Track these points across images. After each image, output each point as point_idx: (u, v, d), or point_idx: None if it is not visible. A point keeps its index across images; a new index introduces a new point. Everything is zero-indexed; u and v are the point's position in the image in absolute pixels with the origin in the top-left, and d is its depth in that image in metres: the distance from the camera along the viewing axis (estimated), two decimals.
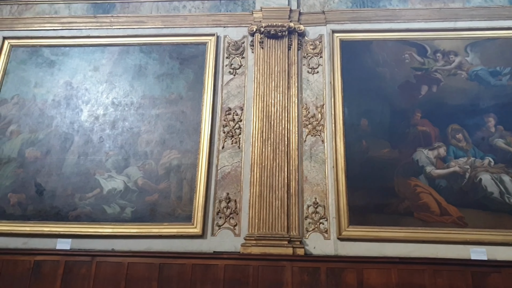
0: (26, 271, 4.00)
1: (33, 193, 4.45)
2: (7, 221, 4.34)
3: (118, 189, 4.39)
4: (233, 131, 4.55)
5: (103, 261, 3.99)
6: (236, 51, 4.94)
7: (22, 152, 4.65)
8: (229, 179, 4.36)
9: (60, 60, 5.07)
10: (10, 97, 4.93)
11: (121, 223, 4.24)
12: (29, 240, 4.24)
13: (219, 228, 4.17)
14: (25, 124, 4.79)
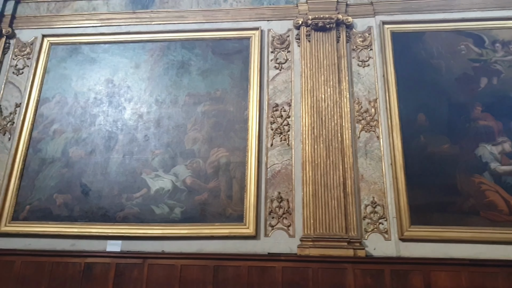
0: (77, 273, 3.89)
1: (79, 193, 4.35)
2: (54, 222, 4.25)
3: (166, 188, 4.26)
4: (282, 128, 4.38)
5: (155, 263, 3.86)
6: (281, 45, 4.77)
7: (66, 151, 4.55)
8: (280, 177, 4.20)
9: (100, 57, 4.96)
10: (52, 96, 4.84)
11: (171, 224, 4.11)
12: (76, 241, 4.14)
13: (272, 228, 4.01)
14: (67, 123, 4.69)
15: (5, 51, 5.11)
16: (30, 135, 4.65)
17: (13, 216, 4.32)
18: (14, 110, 4.81)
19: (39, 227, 4.23)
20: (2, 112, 4.80)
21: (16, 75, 4.99)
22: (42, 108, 4.79)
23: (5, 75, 4.99)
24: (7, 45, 5.14)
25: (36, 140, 4.63)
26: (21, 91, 4.90)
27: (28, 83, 4.90)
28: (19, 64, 5.04)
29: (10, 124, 4.75)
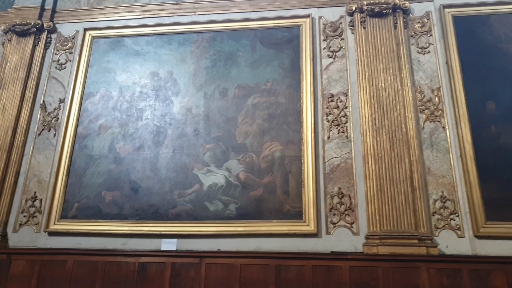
0: (131, 273, 3.74)
1: (128, 190, 4.20)
2: (104, 220, 4.10)
3: (219, 184, 4.07)
4: (339, 120, 4.15)
5: (212, 262, 3.68)
6: (334, 32, 4.53)
7: (113, 147, 4.41)
8: (339, 172, 3.96)
9: (144, 50, 4.80)
10: (96, 90, 4.70)
11: (226, 221, 3.92)
12: (128, 240, 3.99)
13: (334, 226, 3.78)
14: (113, 118, 4.54)
15: (46, 46, 4.99)
16: (76, 131, 4.52)
17: (62, 214, 4.19)
18: (58, 105, 4.69)
19: (89, 225, 4.10)
20: (46, 108, 4.69)
21: (58, 70, 4.87)
22: (87, 103, 4.65)
23: (48, 70, 4.88)
24: (49, 39, 5.02)
25: (81, 136, 4.50)
26: (64, 86, 4.78)
27: (72, 77, 4.78)
28: (61, 59, 4.92)
29: (54, 120, 4.63)
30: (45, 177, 4.37)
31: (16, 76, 4.79)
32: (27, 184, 4.38)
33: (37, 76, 4.83)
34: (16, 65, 4.85)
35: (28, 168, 4.44)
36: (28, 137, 4.58)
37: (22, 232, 4.18)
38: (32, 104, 4.70)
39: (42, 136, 4.57)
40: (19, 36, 4.98)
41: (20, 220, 4.23)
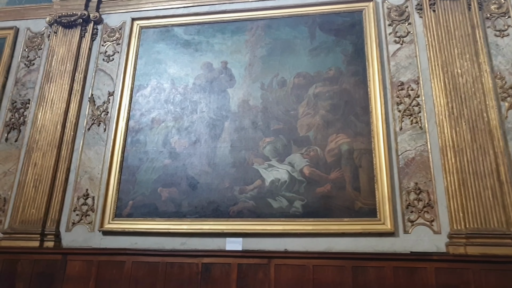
0: (194, 275, 3.51)
1: (185, 186, 3.97)
2: (161, 219, 3.89)
3: (282, 179, 3.81)
4: (411, 109, 3.83)
5: (282, 263, 3.42)
6: (400, 17, 4.21)
7: (167, 141, 4.19)
8: (415, 166, 3.65)
9: (195, 40, 4.57)
10: (146, 82, 4.49)
11: (292, 219, 3.66)
12: (187, 239, 3.76)
13: (412, 224, 3.48)
14: (166, 111, 4.33)
15: (93, 37, 4.81)
16: (127, 125, 4.32)
17: (116, 213, 3.99)
18: (107, 99, 4.50)
19: (145, 224, 3.89)
20: (95, 102, 4.50)
21: (106, 62, 4.68)
22: (137, 96, 4.45)
23: (95, 63, 4.70)
24: (95, 31, 4.84)
25: (133, 130, 4.30)
26: (113, 78, 4.58)
27: (120, 70, 4.58)
28: (108, 51, 4.73)
29: (104, 114, 4.44)
30: (96, 174, 4.19)
31: (63, 69, 4.63)
32: (78, 181, 4.20)
33: (85, 68, 4.65)
34: (63, 58, 4.68)
35: (79, 164, 4.26)
36: (77, 132, 4.40)
37: (76, 231, 4.00)
38: (80, 98, 4.53)
39: (92, 131, 4.39)
40: (65, 28, 4.81)
41: (72, 218, 4.05)
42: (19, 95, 4.71)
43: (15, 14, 5.11)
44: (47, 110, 4.47)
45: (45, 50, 4.87)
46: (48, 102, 4.50)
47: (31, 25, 5.04)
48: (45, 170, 4.19)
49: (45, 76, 4.65)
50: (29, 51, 4.91)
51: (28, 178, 4.18)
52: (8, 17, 5.11)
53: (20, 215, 4.04)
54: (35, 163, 4.24)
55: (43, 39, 4.95)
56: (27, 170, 4.22)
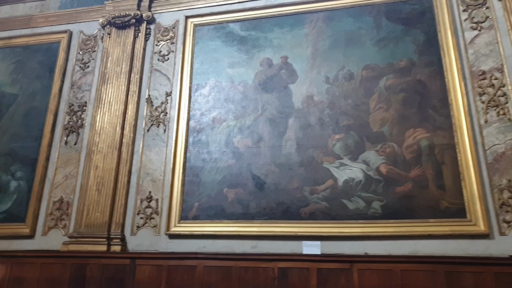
0: (270, 280, 3.33)
1: (252, 187, 3.81)
2: (229, 221, 3.73)
3: (357, 179, 3.58)
4: (496, 100, 3.53)
5: (365, 268, 3.20)
6: (476, 1, 3.91)
7: (230, 141, 4.04)
8: (506, 161, 3.35)
9: (252, 36, 4.40)
10: (205, 81, 4.36)
11: (371, 221, 3.43)
12: (258, 242, 3.59)
13: (508, 225, 3.18)
14: (227, 110, 4.18)
15: (146, 37, 4.72)
16: (188, 125, 4.20)
17: (182, 215, 3.87)
18: (165, 99, 4.39)
19: (213, 226, 3.74)
20: (152, 103, 4.40)
21: (161, 62, 4.57)
22: (196, 95, 4.32)
23: (150, 63, 4.60)
24: (148, 31, 4.75)
25: (194, 130, 4.17)
26: (169, 78, 4.47)
27: (177, 69, 4.47)
28: (163, 50, 4.63)
29: (163, 114, 4.33)
30: (159, 176, 4.08)
31: (119, 70, 4.55)
32: (140, 183, 4.10)
33: (140, 69, 4.56)
34: (118, 59, 4.61)
35: (140, 166, 4.16)
36: (136, 133, 4.31)
37: (141, 235, 3.90)
38: (138, 99, 4.44)
39: (151, 132, 4.28)
40: (118, 29, 4.74)
41: (137, 222, 3.96)
42: (76, 98, 4.67)
43: (67, 17, 5.09)
44: (105, 112, 4.40)
45: (99, 52, 4.82)
46: (105, 104, 4.44)
47: (84, 28, 5.01)
48: (107, 173, 4.11)
49: (101, 78, 4.59)
50: (83, 54, 4.87)
51: (90, 181, 4.12)
52: (61, 21, 5.09)
53: (85, 218, 3.98)
54: (97, 166, 4.17)
55: (96, 41, 4.90)
56: (89, 173, 4.17)
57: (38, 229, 4.16)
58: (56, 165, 4.37)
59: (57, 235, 4.08)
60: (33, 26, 5.15)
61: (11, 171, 4.46)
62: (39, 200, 4.24)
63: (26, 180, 4.37)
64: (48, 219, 4.17)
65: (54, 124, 4.55)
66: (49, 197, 4.26)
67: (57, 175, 4.33)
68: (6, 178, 4.43)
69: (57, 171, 4.35)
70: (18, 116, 4.70)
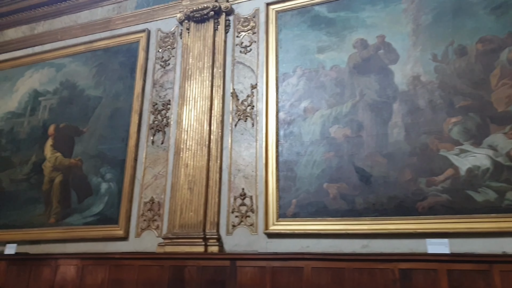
0: (390, 283, 2.97)
1: (356, 181, 3.46)
2: (332, 218, 3.41)
3: (483, 167, 3.11)
4: None
5: (508, 270, 2.72)
6: None
7: (325, 131, 3.72)
8: None
9: (341, 17, 4.05)
10: (292, 69, 4.07)
11: (506, 215, 2.95)
12: (369, 241, 3.25)
13: None
14: (319, 98, 3.86)
15: (226, 30, 4.53)
16: (277, 117, 3.93)
17: (279, 213, 3.61)
18: (251, 92, 4.16)
19: (316, 225, 3.44)
20: (237, 96, 4.20)
21: (244, 54, 4.36)
22: (284, 85, 4.05)
23: (232, 56, 4.40)
24: (228, 22, 4.56)
25: (285, 122, 3.90)
26: (253, 70, 4.25)
27: (261, 60, 4.23)
28: (244, 41, 4.41)
29: (250, 108, 4.11)
30: (250, 172, 3.86)
31: (201, 65, 4.40)
32: (232, 180, 3.90)
33: (223, 63, 4.37)
34: (199, 54, 4.46)
35: (230, 163, 3.97)
36: (224, 129, 4.12)
37: (237, 234, 3.70)
38: (223, 93, 4.26)
39: (239, 126, 4.08)
40: (197, 23, 4.60)
41: (232, 221, 3.76)
42: (159, 96, 4.59)
43: (145, 16, 5.04)
44: (191, 108, 4.26)
45: (178, 49, 4.71)
46: (190, 101, 4.30)
47: (162, 25, 4.93)
48: (198, 171, 3.96)
49: (183, 74, 4.47)
50: (163, 52, 4.79)
51: (181, 180, 4.00)
52: (138, 21, 5.06)
53: (178, 218, 3.85)
54: (186, 164, 4.03)
55: (175, 38, 4.80)
56: (179, 171, 4.04)
57: (131, 231, 4.10)
58: (145, 165, 4.31)
59: (151, 237, 4.00)
60: (112, 28, 5.16)
61: (100, 173, 4.46)
62: (130, 201, 4.19)
63: (116, 181, 4.34)
64: (141, 220, 4.10)
65: (139, 124, 4.49)
66: (140, 198, 4.20)
67: (146, 175, 4.26)
68: (97, 180, 4.43)
69: (146, 171, 4.28)
70: (104, 118, 4.71)
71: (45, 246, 4.38)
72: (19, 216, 4.66)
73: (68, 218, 4.40)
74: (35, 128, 5.04)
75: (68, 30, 5.41)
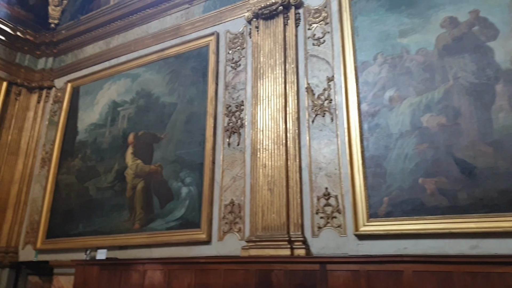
0: None
1: (456, 173, 3.10)
2: (432, 217, 3.10)
3: None
4: None
5: None
6: None
7: (416, 121, 3.39)
8: None
9: None
10: (372, 57, 3.80)
11: None
12: (479, 242, 2.90)
13: None
14: (405, 85, 3.54)
15: (297, 23, 4.36)
16: (359, 109, 3.67)
17: (370, 213, 3.34)
18: (327, 85, 3.95)
19: (413, 224, 3.14)
20: (313, 91, 4.00)
21: (317, 46, 4.16)
22: (364, 75, 3.78)
23: (304, 49, 4.22)
24: (297, 16, 4.38)
25: (368, 114, 3.63)
26: (329, 62, 4.03)
27: (336, 50, 4.01)
28: (317, 33, 4.21)
29: (327, 102, 3.89)
30: (333, 169, 3.63)
31: (273, 63, 4.27)
32: (313, 179, 3.71)
33: (295, 58, 4.21)
34: (270, 51, 4.34)
35: (310, 161, 3.78)
36: (300, 126, 3.95)
37: (324, 236, 3.49)
38: (297, 89, 4.08)
39: (317, 122, 3.88)
40: (266, 20, 4.48)
41: (317, 222, 3.56)
42: (232, 98, 4.53)
43: (212, 20, 5.04)
44: (265, 108, 4.14)
45: (248, 48, 4.63)
46: (263, 100, 4.19)
47: (230, 26, 4.89)
48: (277, 171, 3.83)
49: (255, 73, 4.37)
50: (233, 53, 4.74)
51: (260, 181, 3.88)
52: (206, 24, 5.07)
53: (261, 221, 3.74)
54: (264, 164, 3.92)
55: (244, 37, 4.73)
56: (257, 172, 3.93)
57: (214, 234, 4.06)
58: (223, 168, 4.26)
59: (233, 240, 3.93)
60: (182, 34, 5.23)
61: (180, 177, 4.50)
62: (210, 204, 4.16)
63: (195, 185, 4.35)
64: (222, 223, 4.05)
65: (215, 127, 4.47)
66: (220, 200, 4.15)
67: (224, 178, 4.22)
68: (177, 184, 4.48)
69: (224, 173, 4.24)
70: (180, 124, 4.76)
71: (132, 251, 4.51)
72: (107, 222, 4.85)
73: (152, 224, 4.49)
74: (116, 138, 5.24)
75: (140, 40, 5.59)
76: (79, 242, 4.93)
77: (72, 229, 5.09)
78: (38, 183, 5.82)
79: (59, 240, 5.16)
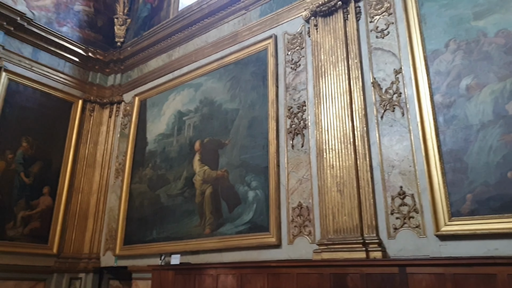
0: None
1: None
2: None
3: None
4: None
5: None
6: None
7: (500, 109, 3.09)
8: None
9: None
10: (443, 45, 3.54)
11: None
12: None
13: None
14: (485, 71, 3.24)
15: (357, 17, 4.23)
16: (432, 101, 3.43)
17: (451, 211, 3.09)
18: (395, 78, 3.75)
19: (503, 222, 2.86)
20: (380, 85, 3.82)
21: (381, 38, 3.98)
22: (436, 64, 3.53)
23: (367, 43, 4.06)
24: (358, 9, 4.24)
25: (443, 105, 3.38)
26: (395, 54, 3.83)
27: (402, 41, 3.81)
28: (380, 25, 4.02)
29: (396, 96, 3.69)
30: (407, 167, 3.43)
31: (335, 60, 4.15)
32: (386, 178, 3.52)
33: (358, 52, 4.05)
34: (331, 48, 4.22)
35: (381, 159, 3.60)
36: (368, 123, 3.78)
37: (401, 238, 3.30)
38: (362, 85, 3.93)
39: (386, 118, 3.69)
40: (324, 17, 4.38)
41: (392, 223, 3.37)
42: (293, 99, 4.47)
43: (270, 22, 5.03)
44: (329, 106, 4.03)
45: (307, 48, 4.55)
46: (327, 98, 4.08)
47: (287, 27, 4.85)
48: (346, 171, 3.69)
49: (316, 72, 4.28)
50: (292, 54, 4.68)
51: (328, 182, 3.77)
52: (264, 28, 5.07)
53: (331, 223, 3.63)
54: (332, 165, 3.80)
55: (302, 37, 4.66)
56: (325, 173, 3.83)
57: (283, 238, 4.01)
58: (288, 170, 4.21)
59: (304, 243, 3.85)
60: (240, 41, 5.28)
61: (246, 181, 4.52)
62: (278, 207, 4.12)
63: (261, 188, 4.34)
64: (291, 226, 3.99)
65: (277, 130, 4.44)
66: (287, 203, 4.10)
67: (290, 180, 4.16)
68: (244, 189, 4.50)
69: (289, 176, 4.18)
70: (243, 129, 4.79)
71: (204, 256, 4.60)
72: (178, 228, 5.00)
73: (222, 228, 4.55)
74: (183, 146, 5.41)
75: (201, 50, 5.73)
76: (154, 248, 5.13)
77: (146, 236, 5.33)
78: (114, 193, 6.18)
79: (136, 246, 5.41)
